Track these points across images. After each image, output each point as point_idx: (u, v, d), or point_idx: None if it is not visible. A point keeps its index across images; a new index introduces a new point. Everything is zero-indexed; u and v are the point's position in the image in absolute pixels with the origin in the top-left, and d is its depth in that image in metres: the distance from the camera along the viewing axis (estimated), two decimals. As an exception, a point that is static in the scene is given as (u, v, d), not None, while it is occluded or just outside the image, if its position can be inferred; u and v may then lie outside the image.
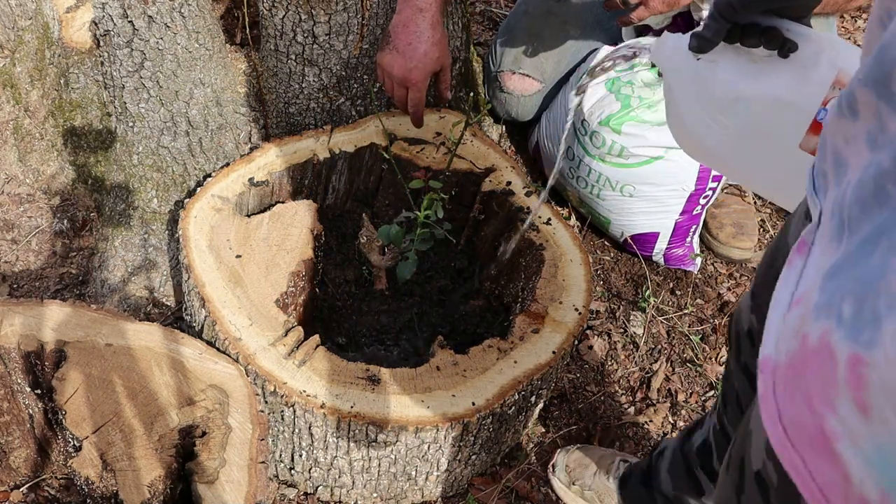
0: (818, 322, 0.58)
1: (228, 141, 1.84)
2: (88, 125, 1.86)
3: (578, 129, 1.92)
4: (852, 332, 0.54)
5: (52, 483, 1.55)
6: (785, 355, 0.62)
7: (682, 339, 1.93)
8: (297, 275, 1.57)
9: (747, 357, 1.07)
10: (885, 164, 0.55)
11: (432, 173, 1.72)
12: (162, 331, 1.42)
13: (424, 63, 1.58)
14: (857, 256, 0.57)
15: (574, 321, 1.52)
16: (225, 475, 1.28)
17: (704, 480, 1.30)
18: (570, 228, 1.68)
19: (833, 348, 0.56)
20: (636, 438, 1.77)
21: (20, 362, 1.40)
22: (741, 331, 1.08)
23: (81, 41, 1.80)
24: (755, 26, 0.86)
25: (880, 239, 0.54)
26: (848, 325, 0.55)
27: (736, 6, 0.84)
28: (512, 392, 1.41)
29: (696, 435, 1.33)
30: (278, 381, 1.37)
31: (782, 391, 0.62)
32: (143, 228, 1.84)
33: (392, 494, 1.55)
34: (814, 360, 0.58)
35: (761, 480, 0.72)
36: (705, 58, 0.89)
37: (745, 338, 1.06)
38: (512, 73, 2.04)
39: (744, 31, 0.86)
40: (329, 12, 1.70)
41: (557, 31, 2.00)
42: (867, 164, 0.58)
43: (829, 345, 0.56)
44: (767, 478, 0.71)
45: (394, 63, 1.59)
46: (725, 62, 0.88)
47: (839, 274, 0.58)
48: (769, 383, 0.64)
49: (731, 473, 0.81)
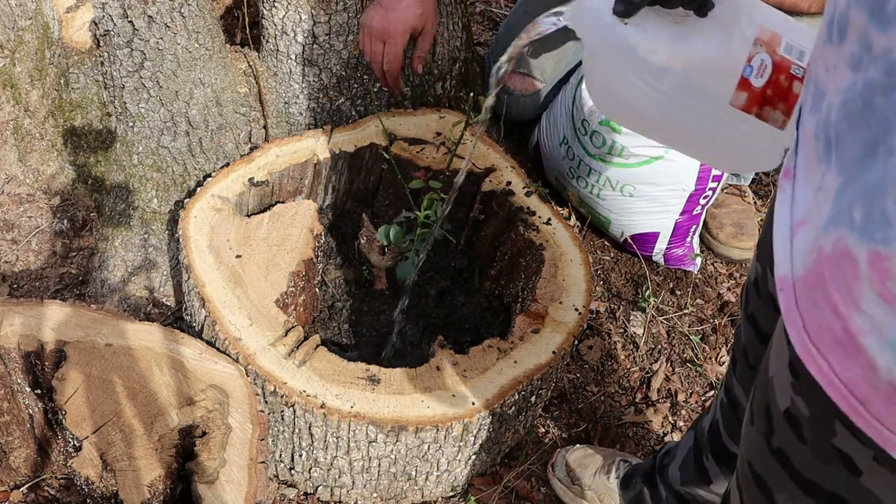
0: (829, 232, 0.62)
1: (228, 141, 1.84)
2: (88, 125, 1.86)
3: (578, 130, 1.93)
4: (865, 233, 0.58)
5: (52, 483, 1.55)
6: (802, 269, 0.66)
7: (682, 339, 1.93)
8: (297, 275, 1.57)
9: (754, 307, 1.09)
10: (874, 77, 0.58)
11: (432, 173, 1.72)
12: (162, 331, 1.42)
13: (406, 16, 1.55)
14: (859, 170, 0.60)
15: (574, 321, 1.52)
16: (225, 475, 1.28)
17: (712, 467, 1.31)
18: (570, 228, 1.68)
19: (850, 251, 0.60)
20: (636, 438, 1.77)
21: (20, 362, 1.40)
22: (749, 282, 1.10)
23: (81, 41, 1.80)
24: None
25: (877, 148, 0.58)
26: (860, 228, 0.59)
27: None
28: (512, 392, 1.41)
29: (704, 420, 1.34)
30: (278, 381, 1.37)
31: (804, 302, 0.66)
32: (143, 228, 1.84)
33: (392, 494, 1.55)
34: (832, 266, 0.62)
35: (791, 417, 0.75)
36: (631, 22, 0.90)
37: (751, 287, 1.09)
38: (512, 73, 2.04)
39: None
40: (329, 12, 1.70)
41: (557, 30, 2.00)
42: (850, 83, 0.61)
43: (846, 248, 0.60)
44: (798, 412, 0.74)
45: (374, 15, 1.56)
46: (650, 26, 0.89)
47: (845, 190, 0.61)
48: (791, 299, 0.67)
49: (756, 423, 0.83)
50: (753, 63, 0.87)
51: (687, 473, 1.37)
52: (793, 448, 0.77)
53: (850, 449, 0.69)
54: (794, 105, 0.89)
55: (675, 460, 1.41)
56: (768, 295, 1.03)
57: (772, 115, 0.89)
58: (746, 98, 0.88)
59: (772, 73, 0.88)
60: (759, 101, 0.89)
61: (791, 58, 0.88)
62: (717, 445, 1.28)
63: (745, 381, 1.18)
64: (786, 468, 0.79)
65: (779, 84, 0.88)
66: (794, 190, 0.71)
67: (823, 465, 0.73)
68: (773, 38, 0.88)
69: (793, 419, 0.75)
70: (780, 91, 0.88)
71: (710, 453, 1.31)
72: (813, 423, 0.73)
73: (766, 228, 1.02)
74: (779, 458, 0.80)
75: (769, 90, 0.88)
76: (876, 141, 0.58)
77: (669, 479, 1.42)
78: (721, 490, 1.33)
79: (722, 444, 1.27)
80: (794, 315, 0.67)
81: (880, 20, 0.57)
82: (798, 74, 0.88)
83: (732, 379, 1.22)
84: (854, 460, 0.70)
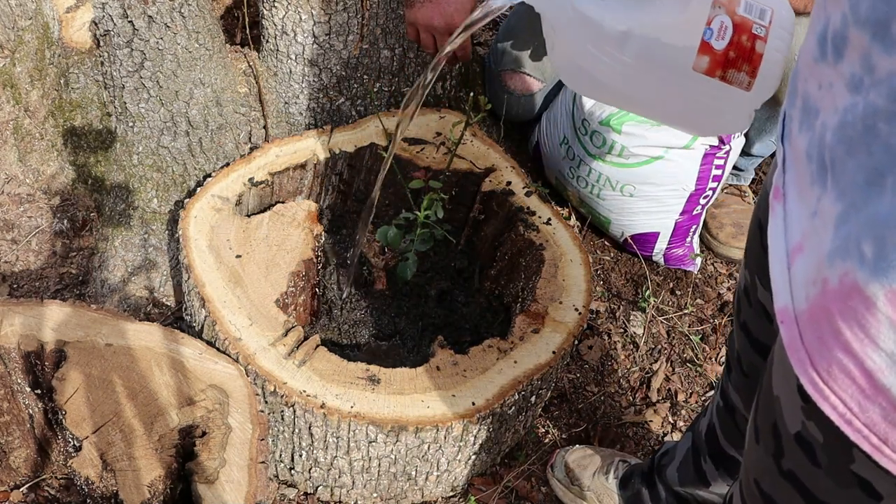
0: (835, 265, 0.59)
1: (228, 141, 1.84)
2: (88, 125, 1.86)
3: (578, 129, 1.93)
4: (879, 270, 0.56)
5: (52, 483, 1.55)
6: (805, 301, 0.63)
7: (682, 339, 1.93)
8: (297, 275, 1.57)
9: (746, 315, 1.08)
10: (877, 102, 0.56)
11: (432, 173, 1.72)
12: (162, 331, 1.42)
13: (462, 3, 1.56)
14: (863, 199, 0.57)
15: (574, 321, 1.52)
16: (225, 475, 1.28)
17: (710, 469, 1.31)
18: (570, 228, 1.68)
19: (861, 288, 0.57)
20: (636, 438, 1.77)
21: (20, 362, 1.40)
22: (740, 289, 1.09)
23: (81, 41, 1.80)
24: None
25: (884, 179, 0.56)
26: (872, 265, 0.56)
27: None
28: (512, 392, 1.41)
29: (701, 423, 1.34)
30: (278, 381, 1.37)
31: (810, 338, 0.63)
32: (143, 228, 1.84)
33: (392, 494, 1.55)
34: (840, 302, 0.60)
35: (803, 440, 0.73)
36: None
37: (742, 295, 1.07)
38: (512, 73, 2.04)
39: None
40: (329, 12, 1.70)
41: None
42: (848, 105, 0.59)
43: (856, 284, 0.58)
44: (811, 437, 0.71)
45: (432, 14, 1.54)
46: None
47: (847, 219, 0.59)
48: (794, 332, 0.65)
49: (763, 443, 0.81)
50: (713, 25, 0.86)
51: (685, 475, 1.37)
52: (806, 471, 0.75)
53: (870, 475, 0.67)
54: (758, 66, 0.87)
55: (674, 461, 1.41)
56: (759, 304, 1.01)
57: (736, 77, 0.88)
58: (709, 62, 0.87)
59: (732, 35, 0.86)
60: (721, 63, 0.87)
61: (752, 17, 0.87)
62: (715, 448, 1.28)
63: (739, 388, 1.17)
64: (798, 489, 0.77)
65: (741, 45, 0.86)
66: (787, 213, 0.68)
67: (840, 489, 0.71)
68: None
69: (805, 443, 0.73)
70: (742, 52, 0.87)
71: (708, 455, 1.30)
72: (828, 449, 0.70)
73: (751, 235, 1.00)
74: (790, 480, 0.78)
75: (731, 52, 0.86)
76: (881, 170, 0.56)
77: (668, 480, 1.42)
78: (720, 491, 1.33)
79: (720, 448, 1.27)
80: (800, 351, 0.64)
81: (885, 42, 0.55)
82: (760, 34, 0.86)
83: (728, 384, 1.21)
84: (874, 485, 0.68)
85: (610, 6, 0.89)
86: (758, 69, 0.87)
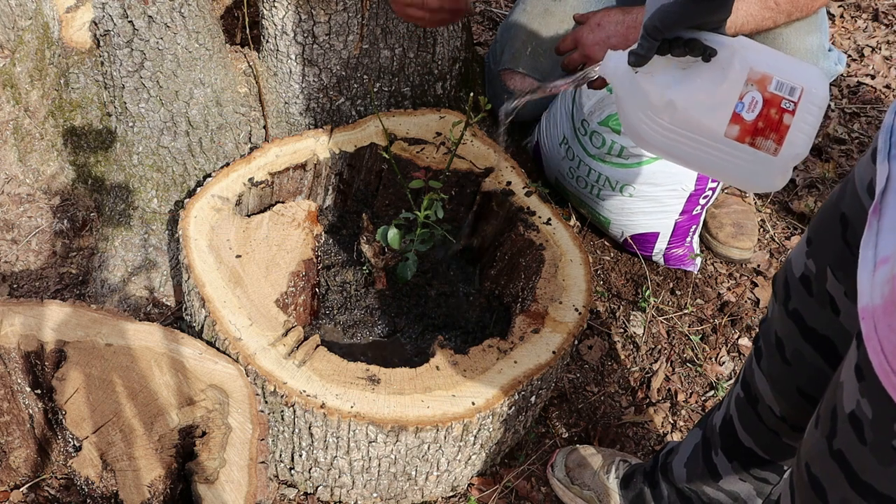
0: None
1: (228, 141, 1.84)
2: (88, 125, 1.86)
3: (578, 130, 1.93)
4: None
5: (52, 483, 1.55)
6: (881, 298, 0.73)
7: (682, 339, 1.93)
8: (297, 275, 1.57)
9: (798, 303, 1.12)
10: None
11: (432, 173, 1.72)
12: (162, 331, 1.42)
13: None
14: None
15: (574, 321, 1.52)
16: (225, 475, 1.28)
17: (722, 463, 1.31)
18: (570, 228, 1.69)
19: None
20: (636, 438, 1.77)
21: (20, 362, 1.40)
22: (792, 276, 1.13)
23: (81, 41, 1.80)
24: (679, 39, 1.03)
25: None
26: None
27: (660, 27, 1.01)
28: (512, 392, 1.41)
29: (714, 417, 1.34)
30: (278, 381, 1.37)
31: (883, 327, 0.73)
32: (143, 228, 1.84)
33: (392, 494, 1.55)
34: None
35: (855, 418, 0.81)
36: (643, 70, 1.07)
37: (797, 282, 1.12)
38: (512, 73, 2.04)
39: (671, 44, 1.03)
40: (329, 12, 1.70)
41: (556, 30, 2.00)
42: None
43: None
44: (861, 413, 0.80)
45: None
46: (659, 72, 1.06)
47: None
48: (871, 326, 0.74)
49: (821, 426, 0.88)
50: (745, 100, 1.02)
51: (693, 470, 1.37)
52: (853, 450, 0.82)
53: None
54: (784, 135, 1.02)
55: (679, 457, 1.41)
56: (826, 294, 1.06)
57: (764, 144, 1.03)
58: (739, 130, 1.03)
59: (762, 108, 1.02)
60: (751, 132, 1.03)
61: (781, 94, 1.02)
62: (730, 440, 1.29)
63: (774, 375, 1.19)
64: (843, 469, 0.84)
65: (769, 117, 1.02)
66: (880, 230, 0.78)
67: (881, 466, 0.79)
68: (765, 78, 1.02)
69: (856, 421, 0.80)
70: (770, 123, 1.02)
71: (721, 448, 1.31)
72: (874, 424, 0.78)
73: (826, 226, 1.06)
74: (838, 460, 0.84)
75: (760, 122, 1.02)
76: None
77: (673, 477, 1.41)
78: (730, 487, 1.33)
79: (736, 440, 1.28)
80: (874, 339, 0.74)
81: None
82: (788, 108, 1.02)
83: (754, 372, 1.23)
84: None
85: (658, 80, 1.06)
86: (784, 138, 1.02)
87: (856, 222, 0.98)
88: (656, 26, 1.02)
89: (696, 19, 1.02)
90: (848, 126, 2.46)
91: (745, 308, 1.99)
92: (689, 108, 1.05)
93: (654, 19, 1.02)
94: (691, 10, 1.01)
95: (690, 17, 1.02)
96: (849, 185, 1.01)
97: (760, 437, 1.24)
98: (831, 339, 1.07)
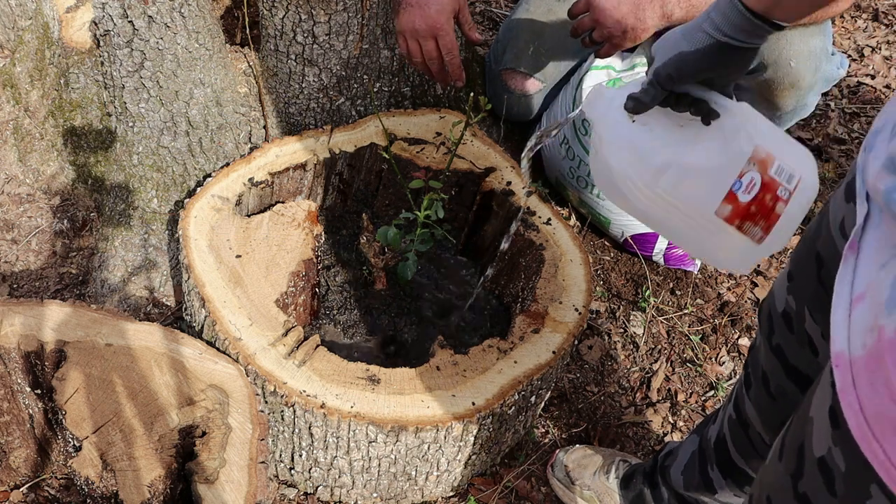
0: (893, 314, 0.62)
1: (228, 141, 1.84)
2: (88, 125, 1.86)
3: (578, 129, 1.92)
4: None
5: (52, 483, 1.55)
6: (862, 349, 0.66)
7: (682, 339, 1.93)
8: (297, 275, 1.57)
9: (781, 338, 1.07)
10: None
11: (432, 173, 1.72)
12: (162, 331, 1.42)
13: (443, 4, 1.55)
14: None
15: (574, 321, 1.52)
16: (225, 475, 1.28)
17: (717, 478, 1.30)
18: (570, 228, 1.69)
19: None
20: (636, 438, 1.77)
21: (20, 362, 1.40)
22: (775, 311, 1.08)
23: (81, 41, 1.80)
24: (686, 96, 0.95)
25: None
26: None
27: (675, 77, 0.93)
28: (512, 392, 1.41)
29: (710, 429, 1.33)
30: (278, 381, 1.37)
31: (863, 384, 0.65)
32: (143, 228, 1.84)
33: (392, 494, 1.55)
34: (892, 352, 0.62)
35: (825, 466, 0.74)
36: (638, 119, 0.97)
37: (780, 318, 1.07)
38: (512, 73, 2.04)
39: (677, 98, 0.96)
40: (329, 12, 1.70)
41: (558, 30, 2.00)
42: None
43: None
44: (833, 464, 0.73)
45: (414, 17, 1.54)
46: (656, 126, 0.96)
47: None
48: (847, 377, 0.67)
49: (785, 461, 0.82)
50: (744, 179, 0.92)
51: (690, 480, 1.37)
52: (821, 497, 0.76)
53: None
54: (773, 225, 0.93)
55: (677, 463, 1.40)
56: (805, 334, 1.01)
57: (751, 230, 0.93)
58: (731, 210, 0.92)
59: (759, 192, 0.92)
60: (741, 215, 0.93)
61: (780, 180, 0.92)
62: (724, 457, 1.27)
63: (761, 407, 1.16)
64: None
65: (764, 203, 0.92)
66: (857, 265, 0.71)
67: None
68: (768, 159, 0.92)
69: (826, 469, 0.74)
70: (763, 209, 0.93)
71: (716, 464, 1.30)
72: (848, 479, 0.72)
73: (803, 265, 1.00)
74: (802, 503, 0.79)
75: (753, 207, 0.92)
76: None
77: (672, 482, 1.41)
78: (726, 499, 1.32)
79: (729, 458, 1.26)
80: (851, 395, 0.67)
81: None
82: (783, 196, 0.93)
83: (745, 398, 1.20)
84: None
85: (655, 136, 0.96)
86: (772, 227, 0.93)
87: (830, 262, 0.93)
88: (670, 75, 0.94)
89: (714, 73, 0.95)
90: (848, 126, 2.46)
91: (745, 308, 1.99)
92: (683, 176, 0.94)
93: (670, 67, 0.94)
94: (713, 62, 0.93)
95: (708, 70, 0.94)
96: (824, 221, 0.96)
97: (752, 461, 1.22)
98: (812, 378, 1.02)
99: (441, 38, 1.59)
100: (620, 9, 1.52)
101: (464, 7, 1.63)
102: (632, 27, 1.53)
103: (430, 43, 1.60)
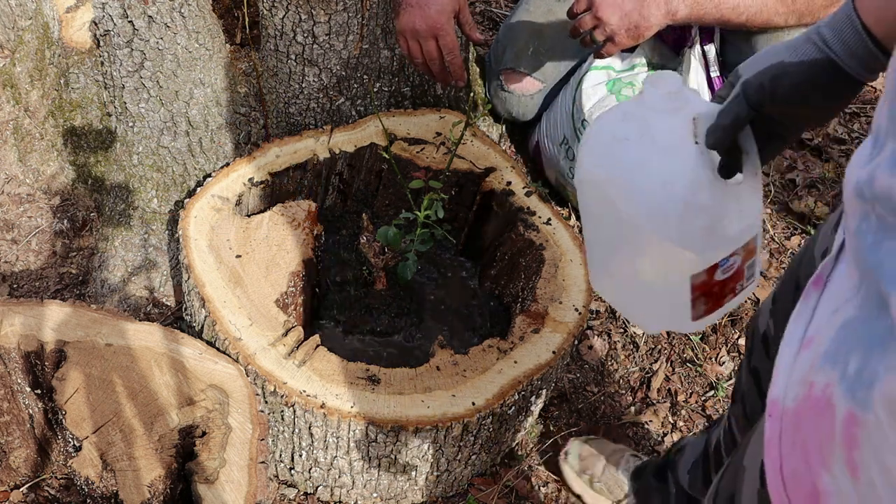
0: (824, 371, 0.57)
1: (228, 141, 1.84)
2: (88, 125, 1.86)
3: (578, 130, 1.92)
4: (852, 388, 0.54)
5: (52, 483, 1.55)
6: (793, 401, 0.61)
7: (682, 339, 1.93)
8: (297, 275, 1.57)
9: (758, 361, 1.06)
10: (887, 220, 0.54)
11: (432, 173, 1.72)
12: (162, 331, 1.42)
13: (443, 4, 1.55)
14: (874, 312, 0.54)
15: (574, 321, 1.52)
16: (225, 475, 1.28)
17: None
18: (570, 228, 1.69)
19: (833, 402, 0.55)
20: (636, 438, 1.77)
21: (20, 362, 1.40)
22: (757, 332, 1.06)
23: (81, 41, 1.80)
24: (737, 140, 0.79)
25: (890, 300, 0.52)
26: (850, 381, 0.54)
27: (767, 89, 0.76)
28: (512, 392, 1.41)
29: (713, 434, 1.33)
30: (278, 381, 1.37)
31: (787, 440, 0.61)
32: (143, 228, 1.84)
33: (392, 494, 1.55)
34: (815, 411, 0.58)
35: None
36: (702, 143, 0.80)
37: (759, 341, 1.05)
38: (513, 73, 2.04)
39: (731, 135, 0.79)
40: (329, 12, 1.70)
41: (558, 30, 2.00)
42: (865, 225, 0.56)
43: (831, 398, 0.56)
44: None
45: (414, 17, 1.54)
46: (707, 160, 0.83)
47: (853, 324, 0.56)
48: (776, 429, 0.63)
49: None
50: (731, 259, 0.85)
51: (695, 482, 1.37)
52: None
53: None
54: (714, 310, 0.88)
55: (685, 461, 1.40)
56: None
57: (698, 306, 0.88)
58: (701, 281, 0.85)
59: (729, 277, 0.86)
60: (705, 289, 0.86)
61: (746, 275, 0.88)
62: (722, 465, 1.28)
63: (739, 424, 1.15)
64: None
65: (725, 288, 0.87)
66: (819, 304, 0.64)
67: None
68: (752, 252, 0.86)
69: None
70: (720, 294, 0.87)
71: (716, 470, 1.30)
72: None
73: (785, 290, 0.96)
74: None
75: (717, 288, 0.87)
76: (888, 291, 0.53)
77: (679, 479, 1.42)
78: None
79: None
80: (775, 450, 0.62)
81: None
82: (737, 290, 0.88)
83: (732, 416, 1.19)
84: None
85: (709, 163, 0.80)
86: (711, 312, 0.88)
87: None
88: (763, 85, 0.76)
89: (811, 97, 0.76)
90: (848, 126, 2.46)
91: (745, 308, 1.99)
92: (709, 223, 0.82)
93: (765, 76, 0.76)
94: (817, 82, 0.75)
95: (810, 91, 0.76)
96: (810, 247, 0.91)
97: None
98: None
99: (441, 38, 1.59)
100: (624, 6, 1.52)
101: (464, 7, 1.63)
102: (635, 24, 1.53)
103: (430, 43, 1.60)
